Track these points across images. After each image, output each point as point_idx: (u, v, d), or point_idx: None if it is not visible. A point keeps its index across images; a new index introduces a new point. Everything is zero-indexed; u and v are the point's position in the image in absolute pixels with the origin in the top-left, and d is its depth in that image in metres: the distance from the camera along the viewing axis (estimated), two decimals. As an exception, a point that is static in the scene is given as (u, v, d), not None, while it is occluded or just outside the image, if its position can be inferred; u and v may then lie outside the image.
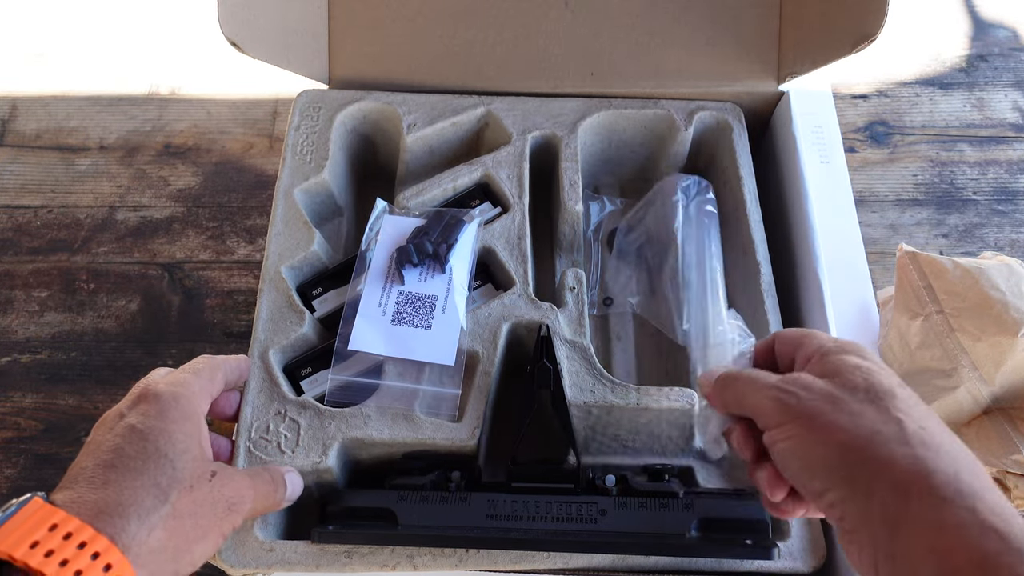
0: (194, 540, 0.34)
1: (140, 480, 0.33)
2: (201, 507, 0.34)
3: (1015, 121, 0.78)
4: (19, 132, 0.79)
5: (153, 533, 0.31)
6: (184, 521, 0.33)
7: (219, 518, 0.35)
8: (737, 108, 0.62)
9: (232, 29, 0.55)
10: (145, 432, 0.35)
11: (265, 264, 0.54)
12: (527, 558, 0.45)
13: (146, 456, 0.34)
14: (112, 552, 0.29)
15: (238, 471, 0.38)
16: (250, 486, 0.38)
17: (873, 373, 0.33)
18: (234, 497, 0.36)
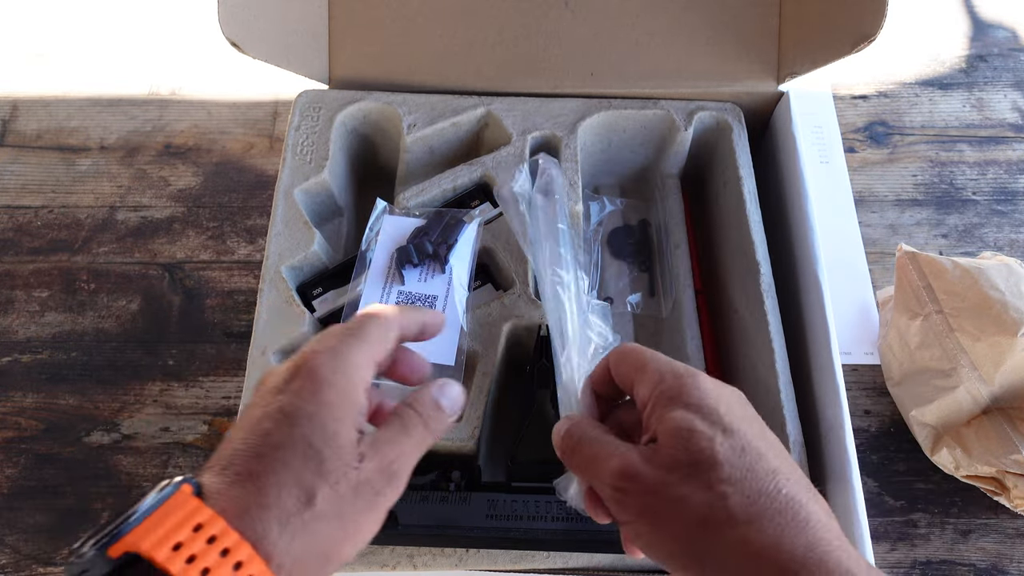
0: (341, 540, 0.30)
1: (284, 475, 0.29)
2: (348, 499, 0.30)
3: (1015, 121, 0.78)
4: (20, 132, 0.79)
5: (296, 539, 0.29)
6: (330, 522, 0.30)
7: (370, 503, 0.31)
8: (737, 108, 0.62)
9: (232, 29, 0.55)
10: (294, 417, 0.31)
11: (265, 264, 0.54)
12: (527, 558, 0.45)
13: (292, 445, 0.30)
14: (254, 563, 0.27)
15: (388, 437, 0.33)
16: (399, 442, 0.33)
17: (695, 437, 0.31)
18: (380, 474, 0.32)
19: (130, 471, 0.61)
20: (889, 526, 0.58)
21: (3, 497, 0.60)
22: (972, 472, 0.56)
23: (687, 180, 0.67)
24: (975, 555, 0.57)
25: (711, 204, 0.65)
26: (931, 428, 0.58)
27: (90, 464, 0.61)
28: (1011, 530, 0.58)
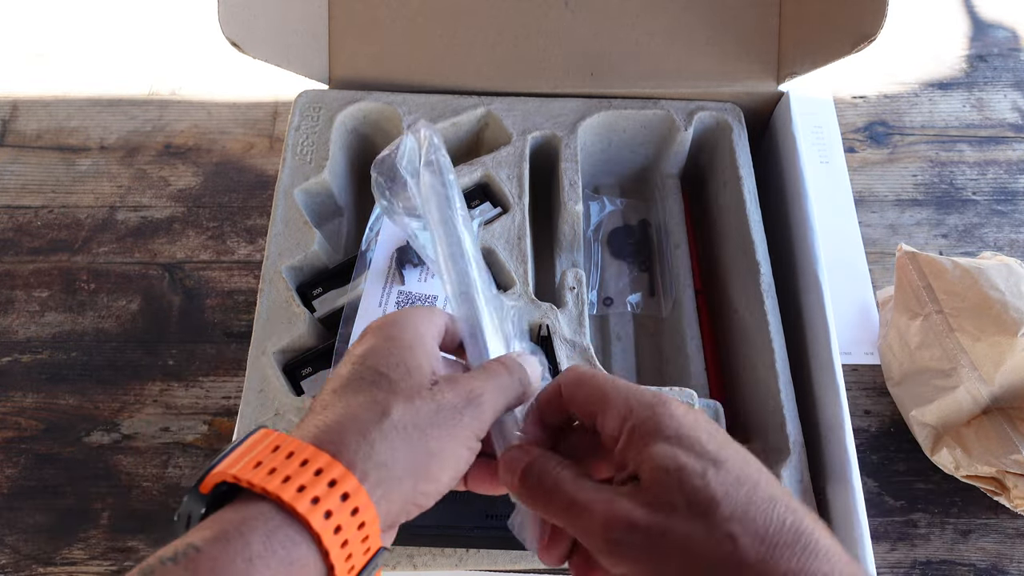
0: (426, 453, 0.30)
1: (358, 398, 0.30)
2: (425, 415, 0.30)
3: (1014, 121, 0.78)
4: (20, 132, 0.79)
5: (376, 447, 0.29)
6: (410, 433, 0.29)
7: (450, 423, 0.31)
8: (737, 108, 0.62)
9: (232, 29, 0.55)
10: (365, 356, 0.32)
11: (265, 264, 0.54)
12: (527, 557, 0.45)
13: (364, 377, 0.31)
14: (334, 467, 0.27)
15: (468, 375, 0.33)
16: (481, 379, 0.33)
17: (685, 474, 0.28)
18: (460, 398, 0.31)
19: (130, 471, 0.61)
20: (889, 526, 0.58)
21: (3, 497, 0.60)
22: (972, 472, 0.56)
23: (687, 180, 0.67)
24: (975, 555, 0.57)
25: (711, 204, 0.65)
26: (931, 428, 0.58)
27: (90, 464, 0.61)
28: (1011, 530, 0.58)
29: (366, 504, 0.27)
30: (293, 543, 0.26)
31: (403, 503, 0.29)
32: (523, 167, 0.58)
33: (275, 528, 0.26)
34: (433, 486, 0.30)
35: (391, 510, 0.29)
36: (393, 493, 0.29)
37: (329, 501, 0.27)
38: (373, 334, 0.33)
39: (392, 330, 0.33)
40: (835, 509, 0.47)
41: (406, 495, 0.29)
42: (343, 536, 0.27)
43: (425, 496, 0.30)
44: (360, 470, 0.28)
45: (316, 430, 0.29)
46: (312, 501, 0.26)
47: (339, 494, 0.27)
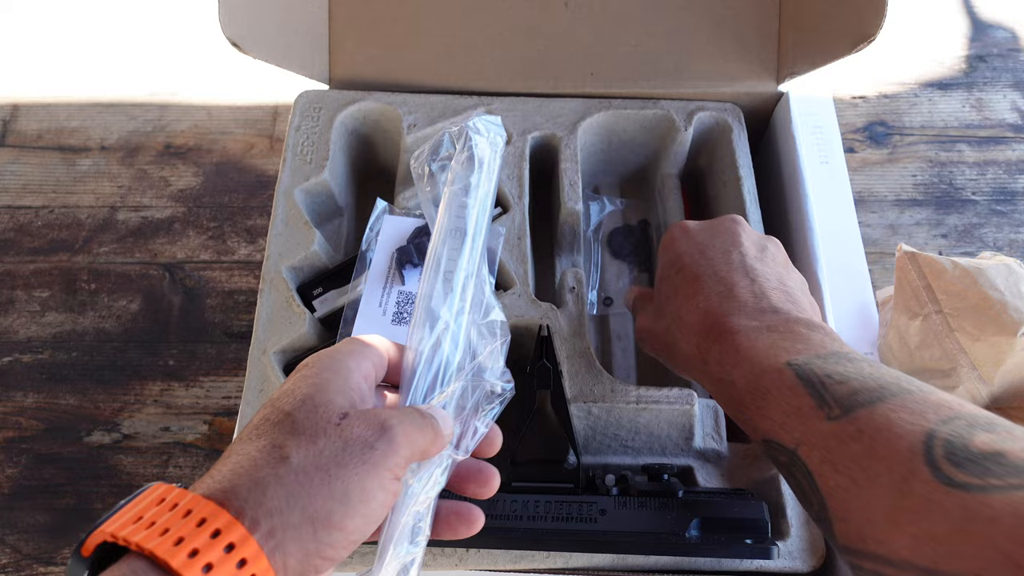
0: (328, 497, 0.27)
1: (260, 443, 0.28)
2: (329, 455, 0.28)
3: (1014, 121, 0.78)
4: (20, 132, 0.79)
5: (269, 493, 0.26)
6: (310, 476, 0.27)
7: (359, 460, 0.28)
8: (737, 108, 0.62)
9: (233, 30, 0.55)
10: (277, 398, 0.30)
11: (266, 264, 0.54)
12: (527, 557, 0.45)
13: (269, 419, 0.29)
14: (219, 516, 0.25)
15: (380, 409, 0.31)
16: (395, 419, 0.30)
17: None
18: (371, 430, 0.29)
19: (131, 471, 0.61)
20: (889, 526, 0.59)
21: (4, 497, 0.60)
22: (972, 472, 0.56)
23: (687, 180, 0.67)
24: (975, 555, 0.57)
25: (711, 204, 0.65)
26: (931, 428, 0.58)
27: (91, 464, 0.62)
28: (1011, 530, 0.58)
29: (255, 555, 0.25)
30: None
31: (304, 555, 0.26)
32: (523, 167, 0.58)
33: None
34: (339, 535, 0.27)
35: (289, 563, 0.26)
36: (289, 544, 0.26)
37: (210, 553, 0.24)
38: (293, 374, 0.32)
39: (310, 369, 0.31)
40: (835, 509, 0.47)
41: (306, 546, 0.26)
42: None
43: (331, 547, 0.27)
44: (250, 518, 0.26)
45: (211, 480, 0.27)
46: (190, 554, 0.24)
47: (223, 545, 0.25)
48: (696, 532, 0.43)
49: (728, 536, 0.43)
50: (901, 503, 0.29)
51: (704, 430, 0.50)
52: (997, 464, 0.27)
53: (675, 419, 0.49)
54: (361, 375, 0.32)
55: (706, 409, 0.50)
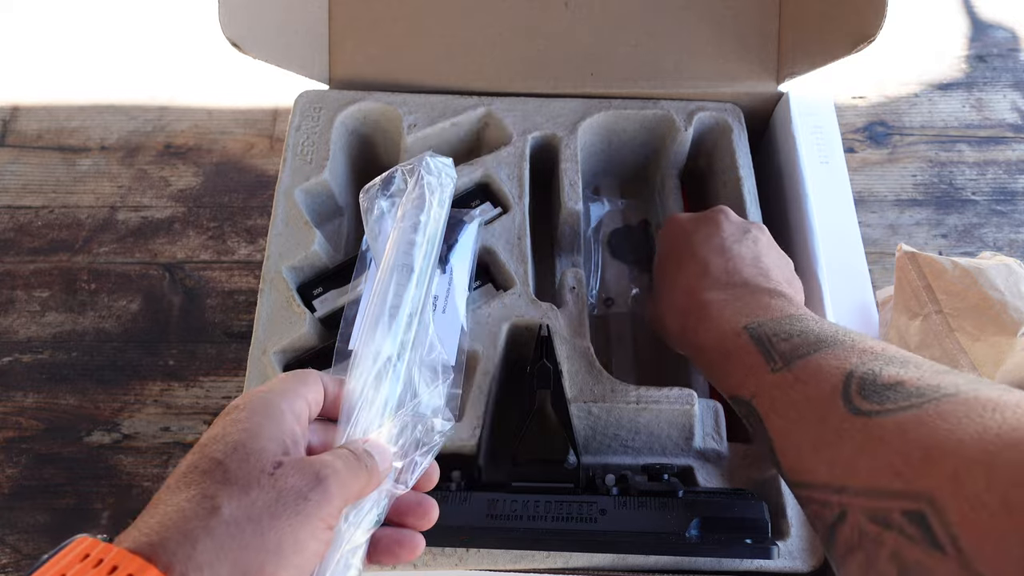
0: (260, 550, 0.27)
1: (189, 492, 0.27)
2: (261, 506, 0.27)
3: (1014, 121, 0.78)
4: (21, 133, 0.79)
5: (199, 547, 0.26)
6: (242, 528, 0.27)
7: (292, 512, 0.28)
8: (737, 108, 0.62)
9: (233, 30, 0.55)
10: (206, 444, 0.29)
11: (266, 264, 0.54)
12: (527, 557, 0.45)
13: (198, 467, 0.28)
14: (147, 572, 0.24)
15: (314, 458, 0.31)
16: (330, 459, 0.30)
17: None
18: (305, 481, 0.29)
19: (131, 471, 0.61)
20: (889, 526, 0.59)
21: (4, 497, 0.60)
22: (972, 472, 0.56)
23: (687, 180, 0.67)
24: (975, 555, 0.57)
25: (711, 204, 0.65)
26: (931, 428, 0.58)
27: (91, 464, 0.62)
28: (1011, 530, 0.58)
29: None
30: None
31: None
32: (523, 167, 0.58)
33: None
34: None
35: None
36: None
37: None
38: (222, 417, 0.31)
39: (240, 412, 0.31)
40: (835, 509, 0.47)
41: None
42: None
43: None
44: (179, 573, 0.25)
45: (138, 533, 0.26)
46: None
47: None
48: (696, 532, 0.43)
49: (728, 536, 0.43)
50: (822, 435, 0.33)
51: (704, 430, 0.50)
52: (895, 392, 0.31)
53: (675, 419, 0.49)
54: (294, 417, 0.32)
55: (706, 409, 0.50)
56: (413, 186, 0.39)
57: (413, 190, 0.39)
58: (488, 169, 0.58)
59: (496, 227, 0.56)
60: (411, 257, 0.38)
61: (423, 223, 0.39)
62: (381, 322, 0.36)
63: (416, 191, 0.39)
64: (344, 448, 0.33)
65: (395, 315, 0.37)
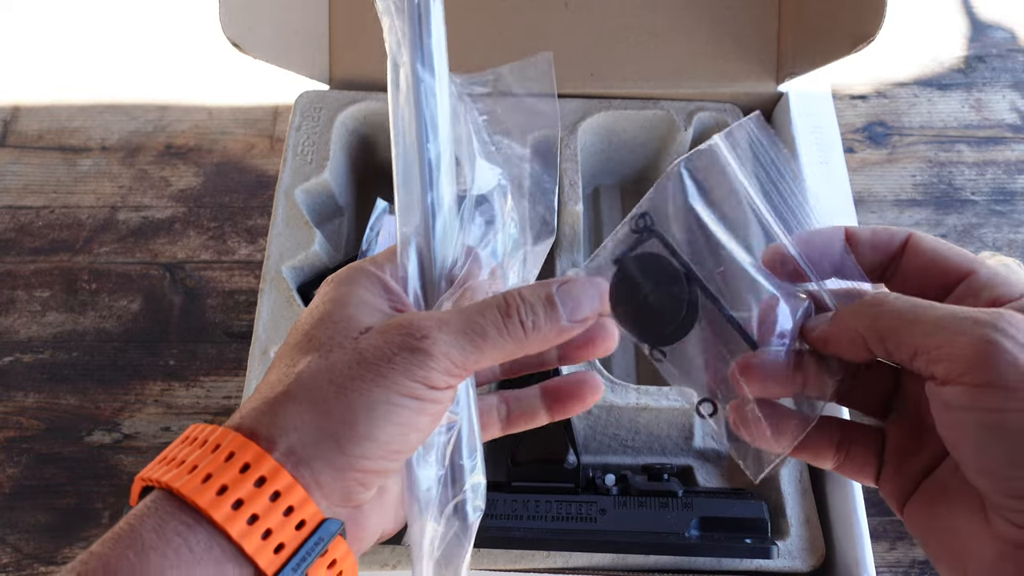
0: (346, 409, 0.24)
1: (279, 367, 0.26)
2: (342, 368, 0.25)
3: (1013, 122, 0.78)
4: (21, 133, 0.79)
5: (281, 411, 0.25)
6: (323, 390, 0.25)
7: (373, 372, 0.25)
8: (736, 109, 0.62)
9: (233, 30, 0.56)
10: (298, 322, 0.28)
11: (266, 264, 0.54)
12: (527, 557, 0.45)
13: (290, 343, 0.27)
14: (231, 439, 0.24)
15: (413, 314, 0.27)
16: (435, 319, 0.26)
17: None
18: (389, 343, 0.25)
19: (131, 471, 0.61)
20: (888, 525, 0.59)
21: (5, 496, 0.60)
22: (971, 471, 0.56)
23: (687, 180, 0.67)
24: (974, 554, 0.58)
25: (711, 204, 0.65)
26: (930, 428, 0.58)
27: (91, 464, 0.62)
28: (1010, 529, 0.58)
29: (274, 472, 0.24)
30: (188, 528, 0.23)
31: (335, 471, 0.25)
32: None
33: (167, 515, 0.23)
34: (370, 445, 0.25)
35: (321, 480, 0.24)
36: (314, 460, 0.24)
37: (225, 476, 0.23)
38: (316, 294, 0.29)
39: (328, 285, 0.29)
40: (834, 508, 0.48)
41: (332, 460, 0.24)
42: (249, 511, 0.23)
43: (365, 459, 0.25)
44: (265, 439, 0.24)
45: (238, 414, 0.26)
46: (204, 479, 0.23)
47: (238, 467, 0.24)
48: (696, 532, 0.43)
49: (728, 536, 0.43)
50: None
51: (704, 430, 0.50)
52: None
53: (675, 419, 0.49)
54: (387, 277, 0.29)
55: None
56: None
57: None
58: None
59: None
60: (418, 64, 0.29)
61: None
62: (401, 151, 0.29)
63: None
64: (492, 300, 0.27)
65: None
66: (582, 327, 0.28)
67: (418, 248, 0.29)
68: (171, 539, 0.23)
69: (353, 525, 0.27)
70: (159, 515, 0.23)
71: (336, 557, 0.25)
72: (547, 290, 0.27)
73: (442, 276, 0.29)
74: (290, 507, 0.24)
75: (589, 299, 0.28)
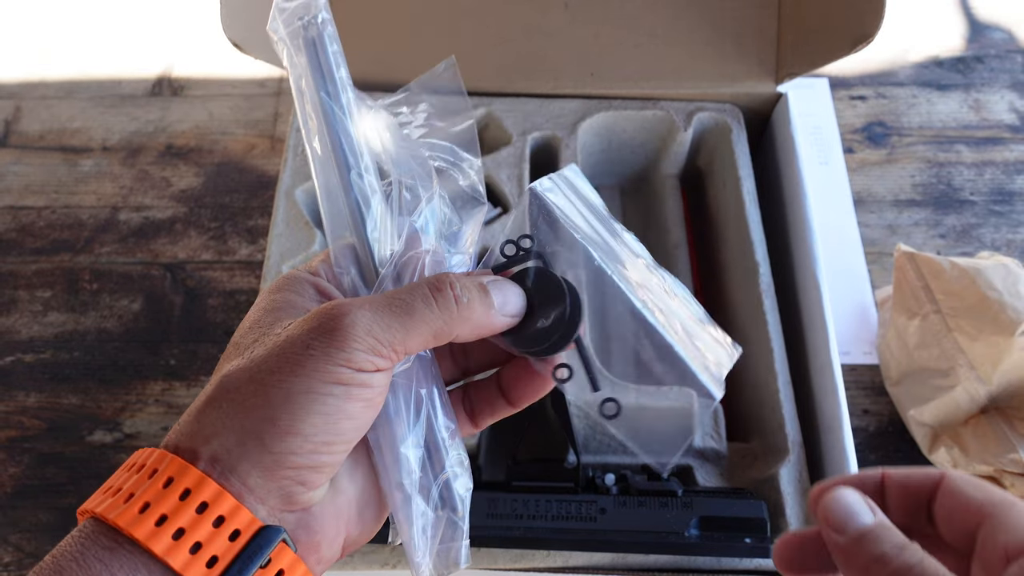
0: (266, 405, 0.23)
1: (210, 380, 0.25)
2: (260, 363, 0.24)
3: (1011, 122, 0.78)
4: (23, 133, 0.79)
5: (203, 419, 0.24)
6: (242, 390, 0.24)
7: (292, 362, 0.24)
8: (736, 109, 0.62)
9: (234, 31, 0.56)
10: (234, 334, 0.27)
11: (266, 264, 0.54)
12: (527, 556, 0.45)
13: (222, 355, 0.27)
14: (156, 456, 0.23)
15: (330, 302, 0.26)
16: (337, 308, 0.25)
17: None
18: (307, 329, 0.24)
19: (132, 470, 0.61)
20: (887, 525, 0.59)
21: (6, 496, 0.61)
22: (970, 471, 0.56)
23: (687, 180, 0.67)
24: (973, 553, 0.58)
25: (711, 204, 0.65)
26: (929, 427, 0.58)
27: (92, 463, 0.62)
28: (1009, 529, 0.59)
29: (199, 483, 0.23)
30: (109, 552, 0.22)
31: (263, 471, 0.23)
32: (523, 167, 0.59)
33: (88, 542, 0.22)
34: (295, 440, 0.23)
35: (250, 484, 0.23)
36: (240, 464, 0.23)
37: (148, 493, 0.23)
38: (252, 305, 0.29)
39: (261, 296, 0.28)
40: (833, 508, 0.48)
41: (259, 460, 0.23)
42: (174, 525, 0.22)
43: (294, 455, 0.23)
44: (188, 451, 0.23)
45: (173, 433, 0.25)
46: (126, 499, 0.23)
47: (161, 482, 0.23)
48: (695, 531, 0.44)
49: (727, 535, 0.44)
50: None
51: (704, 430, 0.50)
52: None
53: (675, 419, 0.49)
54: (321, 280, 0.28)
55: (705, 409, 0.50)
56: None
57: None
58: (488, 170, 0.59)
59: (496, 227, 0.56)
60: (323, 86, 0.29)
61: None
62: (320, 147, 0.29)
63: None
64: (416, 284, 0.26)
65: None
66: (509, 323, 0.28)
67: (351, 244, 0.28)
68: (91, 565, 0.22)
69: (304, 531, 0.25)
70: (81, 543, 0.22)
71: (283, 567, 0.24)
72: (479, 280, 0.27)
73: (381, 263, 0.28)
74: (220, 517, 0.23)
75: (516, 297, 0.28)
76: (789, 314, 0.55)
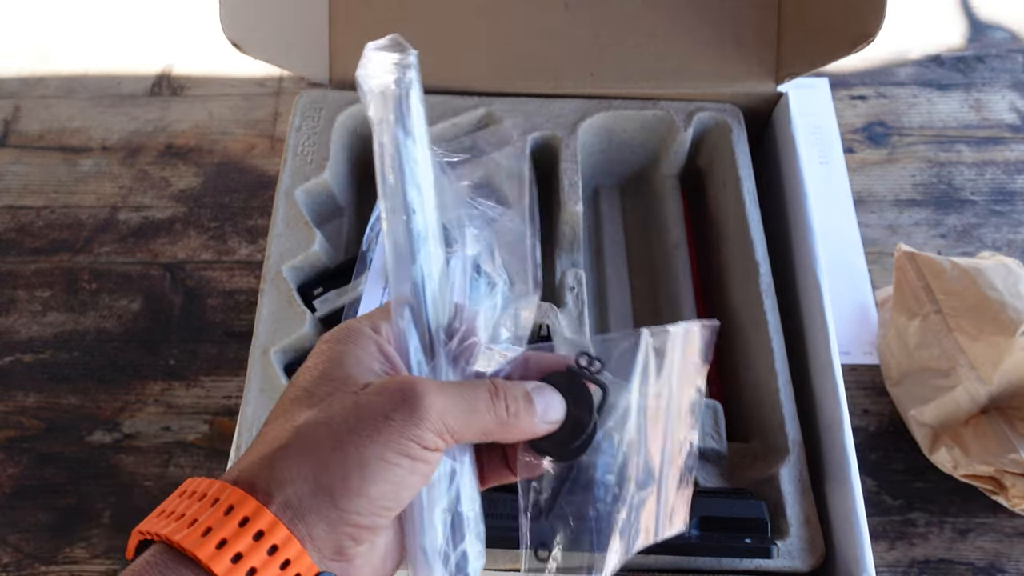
0: (342, 464, 0.25)
1: (278, 422, 0.27)
2: (340, 422, 0.26)
3: (1012, 122, 0.78)
4: (22, 133, 0.79)
5: (279, 465, 0.25)
6: (320, 444, 0.26)
7: (371, 428, 0.26)
8: (736, 109, 0.62)
9: (234, 30, 0.56)
10: (296, 377, 0.29)
11: (266, 264, 0.54)
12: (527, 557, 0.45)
13: (288, 397, 0.28)
14: (228, 492, 0.25)
15: (409, 376, 0.28)
16: (434, 384, 0.27)
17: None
18: (388, 400, 0.26)
19: (131, 470, 0.61)
20: (888, 525, 0.59)
21: (5, 496, 0.61)
22: (970, 471, 0.56)
23: (687, 180, 0.67)
24: (973, 554, 0.58)
25: (711, 204, 0.65)
26: (929, 427, 0.58)
27: (92, 463, 0.62)
28: (1009, 529, 0.58)
29: (272, 526, 0.24)
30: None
31: (328, 524, 0.25)
32: (523, 167, 0.58)
33: (167, 570, 0.24)
34: (361, 501, 0.25)
35: (314, 533, 0.25)
36: (309, 514, 0.25)
37: (224, 529, 0.24)
38: (312, 352, 0.30)
39: (325, 344, 0.30)
40: (834, 508, 0.48)
41: (326, 514, 0.25)
42: (247, 564, 0.24)
43: (357, 515, 0.25)
44: (263, 492, 0.25)
45: (236, 468, 0.27)
46: (204, 532, 0.24)
47: (237, 520, 0.24)
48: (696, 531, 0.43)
49: (728, 535, 0.43)
50: None
51: (704, 430, 0.50)
52: None
53: (675, 418, 0.49)
54: (382, 339, 0.30)
55: (706, 409, 0.50)
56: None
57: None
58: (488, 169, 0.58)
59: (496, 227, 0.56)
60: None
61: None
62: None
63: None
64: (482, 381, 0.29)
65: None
66: (548, 430, 0.30)
67: (412, 310, 0.30)
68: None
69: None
70: (159, 569, 0.24)
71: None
72: (524, 388, 0.30)
73: (436, 336, 0.30)
74: (287, 560, 0.24)
75: (558, 404, 0.30)
76: (789, 314, 0.55)
